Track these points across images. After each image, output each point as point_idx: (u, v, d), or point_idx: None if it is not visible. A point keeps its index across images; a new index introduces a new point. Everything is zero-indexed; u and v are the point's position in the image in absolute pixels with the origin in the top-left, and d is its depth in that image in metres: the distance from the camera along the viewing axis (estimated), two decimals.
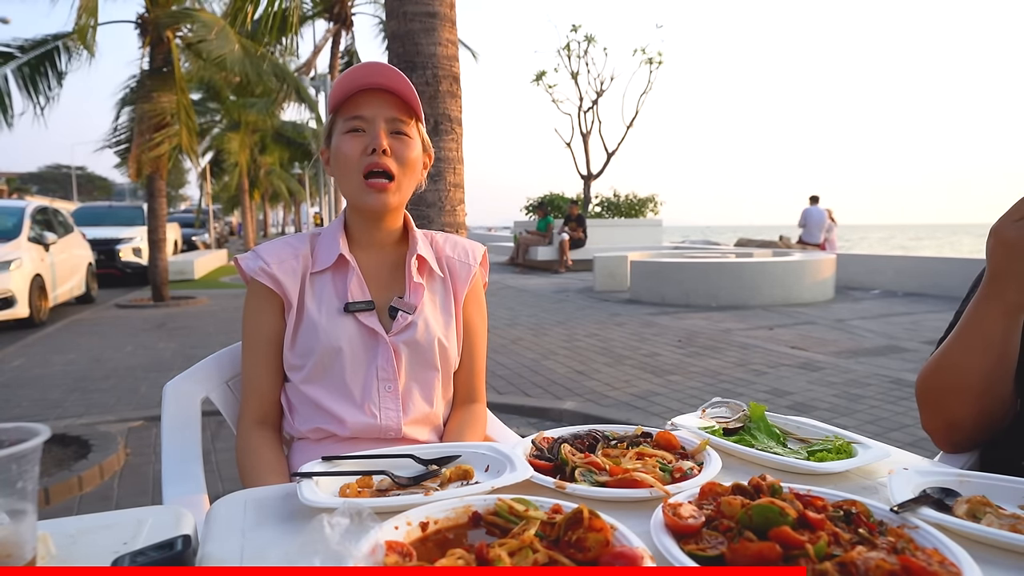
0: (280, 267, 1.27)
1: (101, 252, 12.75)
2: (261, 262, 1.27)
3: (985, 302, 1.04)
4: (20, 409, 4.63)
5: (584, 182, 22.36)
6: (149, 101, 9.35)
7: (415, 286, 1.31)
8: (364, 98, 1.26)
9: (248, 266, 1.27)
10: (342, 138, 1.25)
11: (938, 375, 1.11)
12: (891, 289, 10.42)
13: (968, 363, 1.06)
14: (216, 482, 3.29)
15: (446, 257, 1.39)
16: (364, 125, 1.25)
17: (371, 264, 1.32)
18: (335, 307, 1.26)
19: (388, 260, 1.34)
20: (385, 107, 1.25)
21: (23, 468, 0.69)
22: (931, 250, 27.93)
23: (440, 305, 1.35)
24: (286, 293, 1.26)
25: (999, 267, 1.01)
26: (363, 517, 0.71)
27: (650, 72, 22.20)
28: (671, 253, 12.45)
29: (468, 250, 1.42)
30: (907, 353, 5.84)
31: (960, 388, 1.08)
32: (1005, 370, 1.05)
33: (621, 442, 1.05)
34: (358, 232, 1.33)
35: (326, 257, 1.29)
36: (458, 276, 1.38)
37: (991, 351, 1.04)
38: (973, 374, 1.06)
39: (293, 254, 1.29)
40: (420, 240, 1.35)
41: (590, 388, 4.87)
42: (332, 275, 1.29)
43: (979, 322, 1.05)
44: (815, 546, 0.64)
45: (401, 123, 1.26)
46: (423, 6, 2.98)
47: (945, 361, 1.10)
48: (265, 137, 24.41)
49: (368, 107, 1.25)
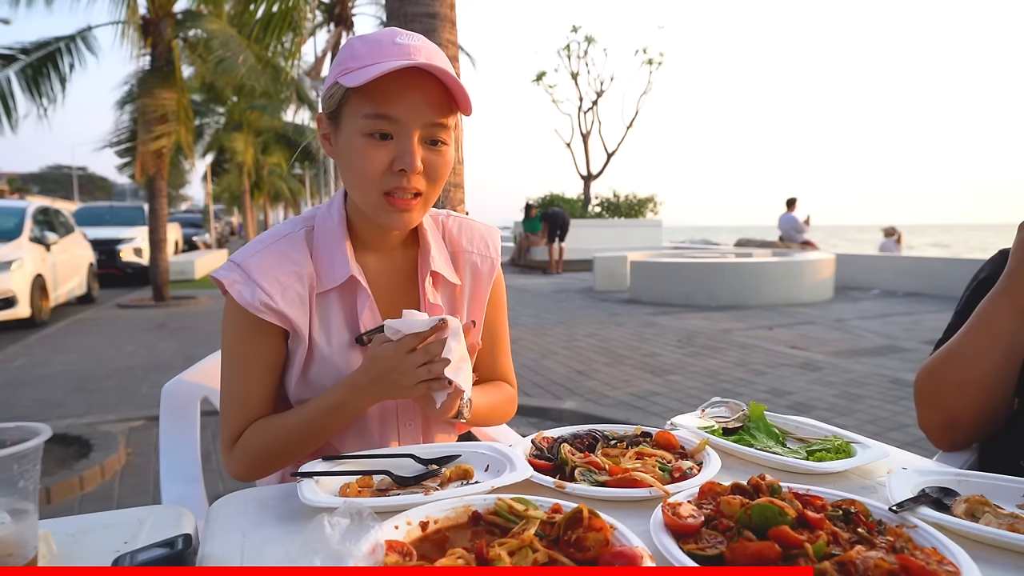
0: (284, 297, 1.04)
1: (102, 252, 12.76)
2: (262, 294, 1.02)
3: (998, 298, 1.05)
4: (21, 409, 4.63)
5: (584, 182, 22.35)
6: (151, 97, 9.38)
7: (431, 307, 1.13)
8: (397, 88, 0.96)
9: (245, 299, 1.02)
10: (361, 141, 0.98)
11: (942, 370, 1.11)
12: (891, 289, 10.42)
13: (974, 358, 1.06)
14: (216, 482, 3.29)
15: (464, 253, 1.19)
16: (393, 130, 0.97)
17: (380, 273, 1.13)
18: (345, 340, 1.09)
19: (398, 267, 1.15)
20: (424, 106, 0.97)
21: (24, 467, 0.69)
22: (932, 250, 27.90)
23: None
24: (295, 327, 1.06)
25: (1018, 263, 1.02)
26: (363, 517, 0.71)
27: (650, 72, 22.21)
28: (671, 253, 12.45)
29: (487, 239, 1.23)
30: (906, 353, 5.84)
31: (964, 383, 1.08)
32: (1009, 368, 1.06)
33: (621, 442, 1.06)
34: (364, 232, 1.11)
35: (332, 274, 1.07)
36: (480, 273, 1.20)
37: (998, 347, 1.04)
38: (978, 370, 1.06)
39: (296, 276, 1.06)
40: (433, 245, 1.15)
41: (590, 388, 4.87)
42: (339, 294, 1.09)
43: (989, 318, 1.05)
44: (814, 545, 0.64)
45: (440, 128, 1.00)
46: (423, 7, 2.98)
47: (951, 355, 1.10)
48: (268, 138, 24.43)
49: (402, 104, 0.96)
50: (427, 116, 0.98)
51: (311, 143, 22.75)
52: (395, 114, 0.96)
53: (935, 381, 1.12)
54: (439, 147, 1.01)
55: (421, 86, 0.97)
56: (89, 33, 9.67)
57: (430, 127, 0.99)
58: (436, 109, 0.98)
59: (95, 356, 6.39)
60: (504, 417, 1.25)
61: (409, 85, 0.96)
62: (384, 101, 0.96)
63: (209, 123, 22.58)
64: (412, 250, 1.16)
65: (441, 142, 1.01)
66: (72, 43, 9.50)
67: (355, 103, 0.99)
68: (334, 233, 1.09)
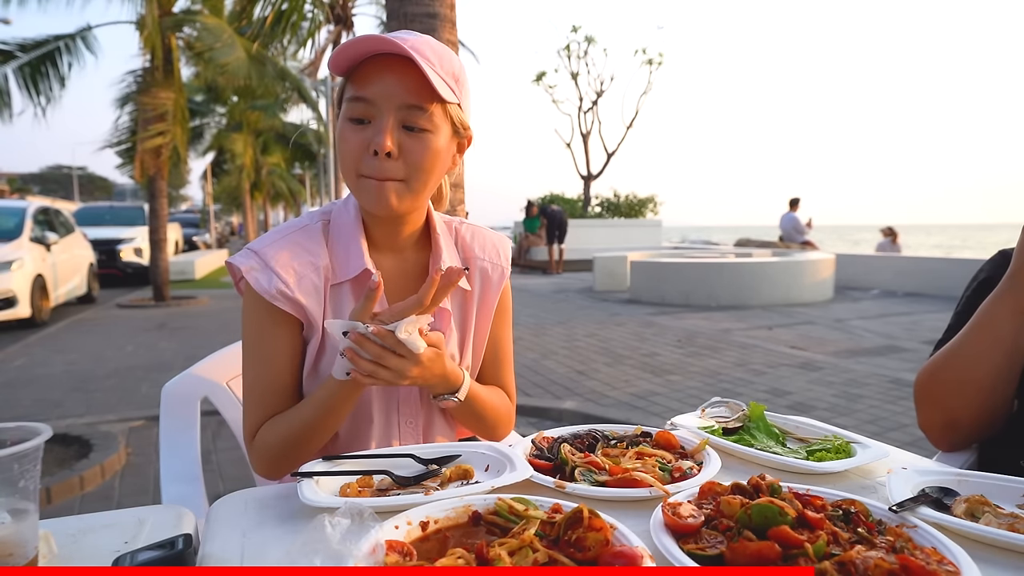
0: (300, 286, 1.06)
1: (102, 252, 12.77)
2: (278, 282, 1.04)
3: (1000, 299, 1.05)
4: (22, 409, 4.63)
5: (584, 182, 22.37)
6: (149, 95, 9.39)
7: (440, 311, 1.15)
8: (373, 71, 0.99)
9: (262, 286, 1.04)
10: (344, 124, 1.02)
11: (943, 371, 1.11)
12: (890, 289, 10.42)
13: (975, 359, 1.07)
14: (216, 482, 3.29)
15: (476, 260, 1.21)
16: (369, 113, 1.00)
17: (392, 272, 1.14)
18: None
19: (409, 268, 1.16)
20: (398, 89, 0.99)
21: (25, 467, 0.69)
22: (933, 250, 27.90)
23: (457, 322, 1.19)
24: (309, 316, 1.07)
25: (1020, 265, 1.02)
26: (364, 517, 0.71)
27: (650, 72, 22.23)
28: (671, 253, 12.46)
29: (498, 248, 1.25)
30: (906, 353, 5.84)
31: (964, 384, 1.08)
32: (1010, 369, 1.06)
33: (621, 442, 1.06)
34: (375, 230, 1.12)
35: (347, 267, 1.09)
36: (490, 280, 1.22)
37: (999, 348, 1.04)
38: (979, 371, 1.06)
39: (312, 266, 1.07)
40: (445, 249, 1.16)
41: (590, 388, 4.87)
42: (352, 287, 1.10)
43: (990, 319, 1.06)
44: (814, 545, 0.64)
45: (418, 112, 1.00)
46: (424, 7, 2.98)
47: (952, 356, 1.10)
48: (268, 138, 24.44)
49: (375, 86, 0.99)
50: (401, 98, 0.99)
51: (310, 141, 22.78)
52: (370, 96, 0.99)
53: (936, 381, 1.13)
54: (418, 133, 1.01)
55: (397, 70, 0.99)
56: (89, 32, 9.68)
57: (405, 110, 0.99)
58: (412, 93, 0.99)
59: (95, 356, 6.40)
60: (500, 422, 1.22)
61: (386, 70, 0.99)
62: (362, 84, 1.00)
63: (209, 123, 22.59)
64: (424, 252, 1.18)
65: (420, 128, 1.01)
66: (71, 42, 9.50)
67: (346, 91, 1.03)
68: (350, 227, 1.11)
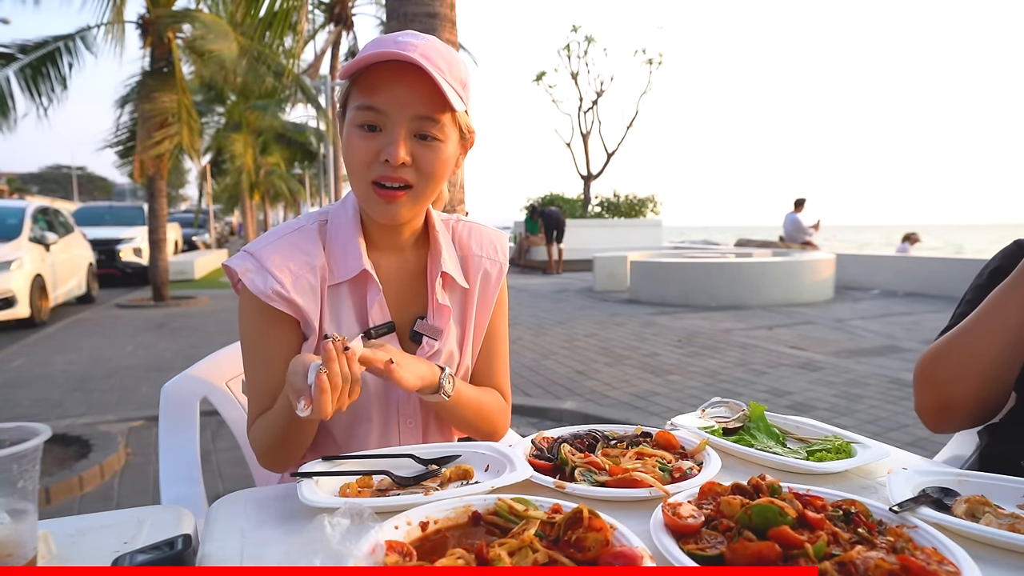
0: (296, 286, 1.05)
1: (102, 252, 12.76)
2: (274, 282, 1.04)
3: (1011, 288, 1.05)
4: (21, 409, 4.63)
5: (584, 182, 22.37)
6: (150, 101, 9.37)
7: (440, 307, 1.15)
8: (384, 79, 0.98)
9: (257, 287, 1.04)
10: (352, 131, 1.01)
11: (946, 354, 1.11)
12: (891, 289, 10.42)
13: (979, 346, 1.06)
14: (216, 482, 3.29)
15: (474, 257, 1.21)
16: (380, 121, 0.99)
17: (390, 272, 1.14)
18: (354, 333, 1.09)
19: (408, 267, 1.16)
20: (411, 99, 0.98)
21: (24, 467, 0.69)
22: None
23: (457, 319, 1.19)
24: (306, 316, 1.08)
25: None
26: (363, 517, 0.71)
27: (650, 72, 22.23)
28: (671, 253, 12.46)
29: (495, 244, 1.24)
30: (906, 353, 5.84)
31: (965, 367, 1.08)
32: (1012, 359, 1.06)
33: (621, 442, 1.06)
34: (374, 231, 1.13)
35: (344, 267, 1.09)
36: (489, 277, 1.22)
37: (1004, 337, 1.04)
38: (982, 357, 1.06)
39: (308, 266, 1.07)
40: (444, 247, 1.16)
41: (590, 388, 4.87)
42: (350, 288, 1.11)
43: (999, 307, 1.06)
44: (814, 546, 0.64)
45: (430, 123, 1.00)
46: (424, 7, 2.98)
47: (956, 341, 1.10)
48: (267, 138, 24.43)
49: (385, 95, 0.98)
50: (413, 109, 0.99)
51: (309, 140, 22.78)
52: (381, 106, 0.98)
53: (936, 364, 1.12)
54: (430, 142, 1.01)
55: (409, 80, 0.98)
56: (89, 33, 9.67)
57: (418, 120, 0.99)
58: (424, 103, 0.99)
59: (95, 356, 6.39)
60: (492, 423, 1.21)
61: (397, 79, 0.98)
62: (371, 93, 0.99)
63: (209, 123, 22.58)
64: (423, 251, 1.18)
65: (432, 137, 1.01)
66: (71, 43, 9.49)
67: (353, 96, 1.02)
68: (348, 228, 1.11)
